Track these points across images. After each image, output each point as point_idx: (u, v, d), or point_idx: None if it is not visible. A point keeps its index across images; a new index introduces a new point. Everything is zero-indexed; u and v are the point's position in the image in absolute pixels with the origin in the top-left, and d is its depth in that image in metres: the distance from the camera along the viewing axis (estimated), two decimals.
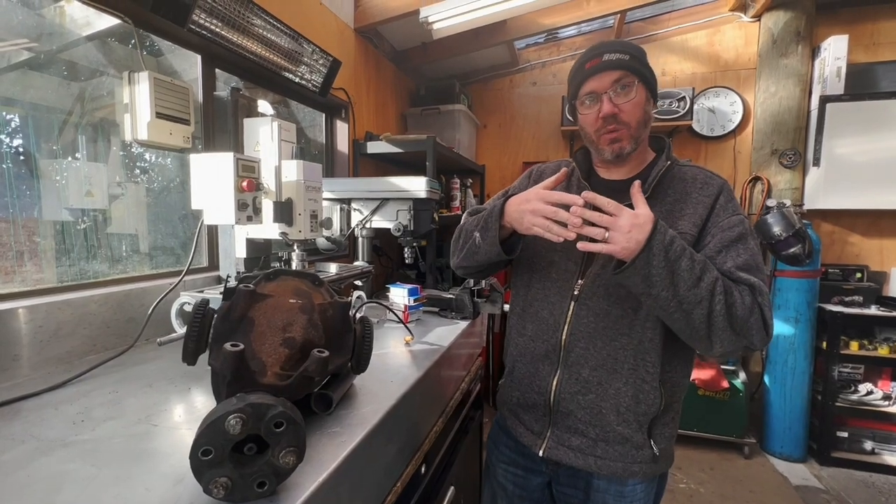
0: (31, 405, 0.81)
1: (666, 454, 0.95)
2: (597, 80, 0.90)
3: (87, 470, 0.61)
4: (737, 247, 0.85)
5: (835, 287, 2.78)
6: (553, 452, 0.96)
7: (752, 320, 0.79)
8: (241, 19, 1.42)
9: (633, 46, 0.92)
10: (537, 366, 0.99)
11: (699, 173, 0.94)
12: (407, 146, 2.28)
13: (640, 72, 0.89)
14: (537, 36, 3.15)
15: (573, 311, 0.94)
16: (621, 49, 0.90)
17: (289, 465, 0.54)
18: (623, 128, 0.90)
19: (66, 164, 1.25)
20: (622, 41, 0.93)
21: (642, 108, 0.91)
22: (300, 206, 1.25)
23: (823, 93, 2.66)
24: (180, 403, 0.83)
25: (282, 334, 0.69)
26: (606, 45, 0.91)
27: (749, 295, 0.80)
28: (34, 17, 1.17)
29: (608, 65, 0.89)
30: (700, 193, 0.90)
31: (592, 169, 1.04)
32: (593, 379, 0.92)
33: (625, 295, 0.89)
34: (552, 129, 3.38)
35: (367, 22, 2.32)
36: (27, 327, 0.96)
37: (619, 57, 0.89)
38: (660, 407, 0.90)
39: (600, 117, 0.90)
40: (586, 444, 0.94)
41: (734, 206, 0.90)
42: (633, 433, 0.91)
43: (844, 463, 2.62)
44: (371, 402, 0.86)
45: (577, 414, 0.93)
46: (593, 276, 0.93)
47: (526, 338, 1.02)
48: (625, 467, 0.92)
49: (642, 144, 0.96)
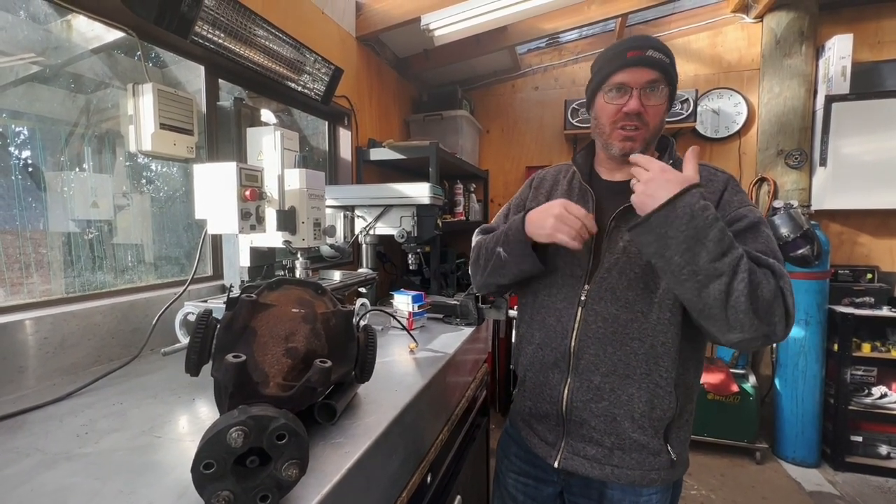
0: (36, 417, 0.81)
1: (682, 459, 0.93)
2: (632, 73, 0.86)
3: (91, 484, 0.60)
4: (746, 236, 0.81)
5: (845, 288, 2.74)
6: (568, 463, 0.94)
7: (777, 305, 0.73)
8: (244, 30, 1.44)
9: (672, 54, 0.90)
10: (547, 374, 0.97)
11: (702, 171, 0.89)
12: (410, 152, 2.29)
13: (673, 79, 0.88)
14: (538, 41, 3.15)
15: (581, 316, 0.92)
16: (664, 50, 0.88)
17: (291, 478, 0.53)
18: (642, 128, 0.88)
19: (73, 176, 1.26)
20: (657, 41, 0.90)
21: (663, 114, 0.89)
22: (303, 214, 1.26)
23: (829, 92, 2.64)
24: (184, 415, 0.83)
25: (284, 344, 0.68)
26: (652, 41, 0.88)
27: (773, 277, 0.75)
28: (41, 31, 1.19)
29: (650, 61, 0.85)
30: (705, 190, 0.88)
31: (594, 170, 1.03)
32: (605, 385, 0.90)
33: (633, 298, 0.87)
34: (555, 133, 3.38)
35: (368, 30, 2.33)
36: (33, 339, 0.96)
37: (661, 57, 0.86)
38: (675, 411, 0.88)
39: (623, 111, 0.87)
40: (602, 454, 0.91)
41: (740, 200, 0.86)
42: (650, 439, 0.89)
43: (859, 468, 2.57)
44: (375, 411, 0.85)
45: (591, 422, 0.91)
46: (600, 279, 0.91)
47: (534, 346, 1.00)
48: (643, 475, 0.89)
49: (650, 147, 0.95)
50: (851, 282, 2.77)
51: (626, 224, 0.89)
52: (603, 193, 0.98)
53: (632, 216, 0.86)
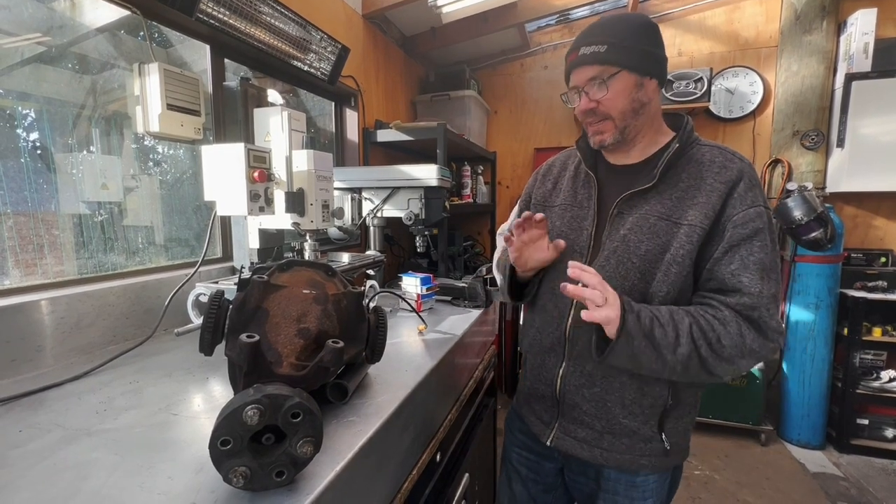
0: (55, 395, 0.83)
1: (679, 448, 0.93)
2: (575, 75, 0.90)
3: (111, 458, 0.62)
4: (749, 245, 0.79)
5: (857, 272, 2.70)
6: (560, 443, 0.96)
7: (748, 343, 0.77)
8: (249, 7, 1.41)
9: (617, 29, 0.86)
10: (544, 358, 0.99)
11: (718, 155, 0.86)
12: (417, 134, 2.26)
13: (619, 60, 0.84)
14: (548, 17, 3.06)
15: (576, 302, 0.92)
16: (600, 38, 0.85)
17: (306, 455, 0.54)
18: (605, 120, 0.89)
19: (81, 158, 1.26)
20: (603, 24, 0.87)
21: (627, 97, 0.86)
22: (311, 195, 1.25)
23: (849, 70, 2.55)
24: (199, 393, 0.84)
25: (296, 325, 0.69)
26: (584, 36, 0.88)
27: (733, 321, 0.78)
28: (44, 10, 1.17)
29: (583, 59, 0.87)
30: (716, 179, 0.83)
31: (600, 154, 1.00)
32: (598, 372, 0.90)
33: (629, 288, 0.86)
34: (564, 114, 3.32)
35: (375, 7, 2.28)
36: (49, 319, 0.98)
37: (594, 50, 0.85)
38: (668, 400, 0.88)
39: (579, 112, 0.91)
40: (592, 436, 0.93)
41: (754, 196, 0.82)
42: (640, 426, 0.89)
43: (864, 450, 2.58)
44: (386, 391, 0.86)
45: (583, 406, 0.93)
46: (598, 267, 0.89)
47: (535, 329, 1.02)
48: (632, 460, 0.90)
49: (644, 129, 0.91)
50: (864, 265, 2.73)
51: (629, 211, 0.89)
52: (608, 178, 0.97)
53: (636, 202, 0.88)
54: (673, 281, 0.83)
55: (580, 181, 1.00)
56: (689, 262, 0.82)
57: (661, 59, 0.89)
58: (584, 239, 0.93)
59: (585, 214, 0.95)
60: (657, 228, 0.85)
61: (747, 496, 2.22)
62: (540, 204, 1.07)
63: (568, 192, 1.01)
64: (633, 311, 0.77)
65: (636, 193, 0.88)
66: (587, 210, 0.95)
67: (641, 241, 0.85)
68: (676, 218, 0.84)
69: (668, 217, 0.84)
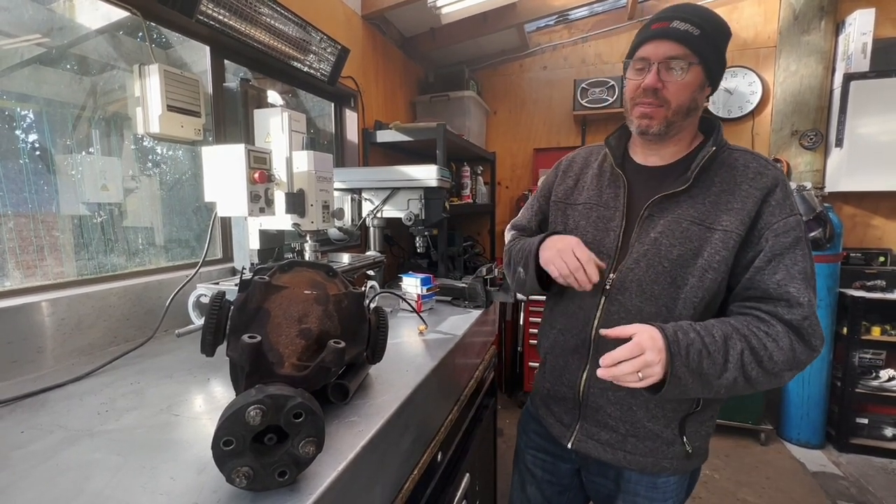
0: (57, 396, 0.83)
1: (700, 451, 0.92)
2: (653, 47, 0.82)
3: (114, 459, 0.62)
4: (793, 253, 0.78)
5: (856, 271, 2.71)
6: (581, 445, 0.95)
7: (797, 356, 0.76)
8: (249, 8, 1.41)
9: (714, 21, 0.81)
10: (567, 359, 0.97)
11: (752, 161, 0.85)
12: (417, 134, 2.26)
13: (704, 53, 0.80)
14: (548, 18, 3.07)
15: (603, 306, 0.90)
16: (698, 20, 0.79)
17: (309, 455, 0.54)
18: (661, 106, 0.83)
19: (81, 159, 1.26)
20: (698, 9, 0.81)
21: (690, 93, 0.82)
22: (312, 196, 1.25)
23: (848, 70, 2.56)
24: (200, 394, 0.85)
25: (298, 325, 0.69)
26: (683, 9, 0.81)
27: (785, 336, 0.76)
28: (44, 11, 1.17)
29: (672, 33, 0.80)
30: (751, 185, 0.82)
31: (627, 154, 0.97)
32: None
33: (659, 292, 0.85)
34: (564, 115, 3.32)
35: (374, 8, 2.28)
36: (50, 320, 0.98)
37: (687, 29, 0.79)
38: (693, 405, 0.88)
39: (641, 87, 0.83)
40: (616, 439, 0.92)
41: (791, 205, 0.81)
42: (663, 429, 0.89)
43: (863, 449, 2.58)
44: (387, 391, 0.86)
45: (607, 409, 0.91)
46: (626, 270, 0.87)
47: (556, 331, 1.00)
48: (655, 462, 0.90)
49: (685, 131, 0.89)
50: (863, 265, 2.74)
51: (660, 214, 0.86)
52: (636, 178, 0.93)
53: (667, 205, 0.85)
54: (708, 287, 0.82)
55: (605, 180, 0.96)
56: (726, 268, 0.81)
57: (724, 69, 0.87)
58: (612, 240, 0.91)
59: (612, 215, 0.92)
60: (690, 233, 0.83)
61: (747, 495, 2.22)
62: (561, 201, 1.03)
63: (592, 191, 0.97)
64: (681, 354, 0.72)
65: (668, 196, 0.85)
66: (614, 211, 0.92)
67: (673, 246, 0.83)
68: (710, 223, 0.82)
69: (702, 222, 0.82)
